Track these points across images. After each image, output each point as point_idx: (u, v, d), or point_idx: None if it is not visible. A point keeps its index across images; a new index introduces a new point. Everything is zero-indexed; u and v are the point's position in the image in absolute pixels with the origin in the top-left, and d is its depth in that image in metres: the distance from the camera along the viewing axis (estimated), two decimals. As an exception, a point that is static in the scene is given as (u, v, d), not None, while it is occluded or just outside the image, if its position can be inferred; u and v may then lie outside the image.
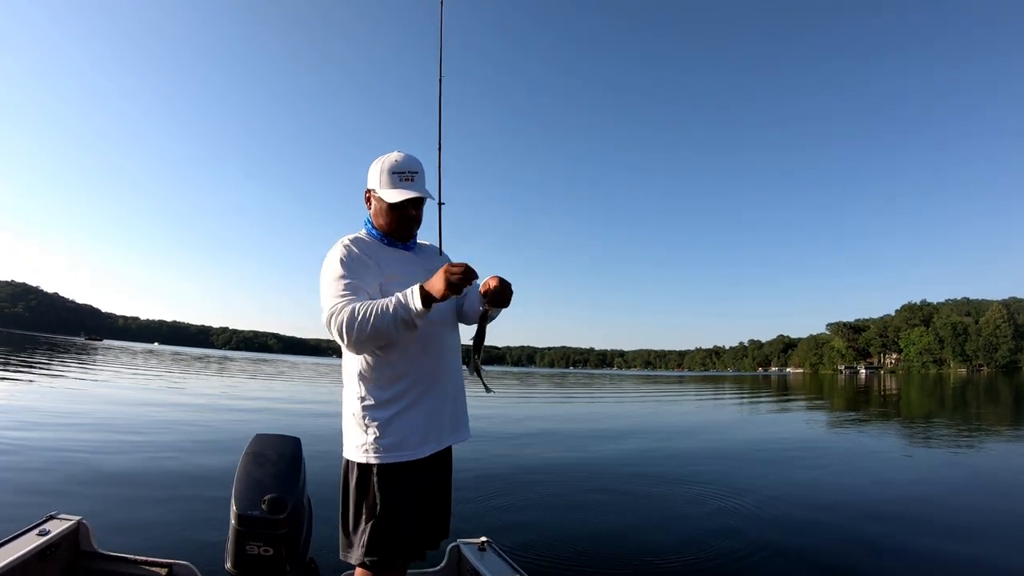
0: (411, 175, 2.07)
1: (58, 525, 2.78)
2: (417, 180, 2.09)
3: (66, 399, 13.82)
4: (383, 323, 1.82)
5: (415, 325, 1.86)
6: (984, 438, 12.47)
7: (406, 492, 1.99)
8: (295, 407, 15.50)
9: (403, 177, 2.06)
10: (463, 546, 2.93)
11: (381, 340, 1.89)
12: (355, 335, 1.83)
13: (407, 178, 2.06)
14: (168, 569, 2.75)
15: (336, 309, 1.87)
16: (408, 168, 2.07)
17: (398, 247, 2.16)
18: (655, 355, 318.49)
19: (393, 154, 2.09)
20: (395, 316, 1.82)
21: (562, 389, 32.54)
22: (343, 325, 1.84)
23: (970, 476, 8.03)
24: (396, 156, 2.09)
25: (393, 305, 1.83)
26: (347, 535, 2.02)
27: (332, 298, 1.92)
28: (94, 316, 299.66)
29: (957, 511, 5.99)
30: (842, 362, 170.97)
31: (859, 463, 8.99)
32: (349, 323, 1.83)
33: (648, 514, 5.61)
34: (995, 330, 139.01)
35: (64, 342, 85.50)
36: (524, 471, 7.42)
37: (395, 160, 2.07)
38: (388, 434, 1.97)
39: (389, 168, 2.07)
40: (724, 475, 7.60)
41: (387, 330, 1.83)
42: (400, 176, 2.06)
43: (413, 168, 2.08)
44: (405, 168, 2.07)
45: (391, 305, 1.83)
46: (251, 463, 2.37)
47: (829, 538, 4.94)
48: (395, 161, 2.07)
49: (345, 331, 1.84)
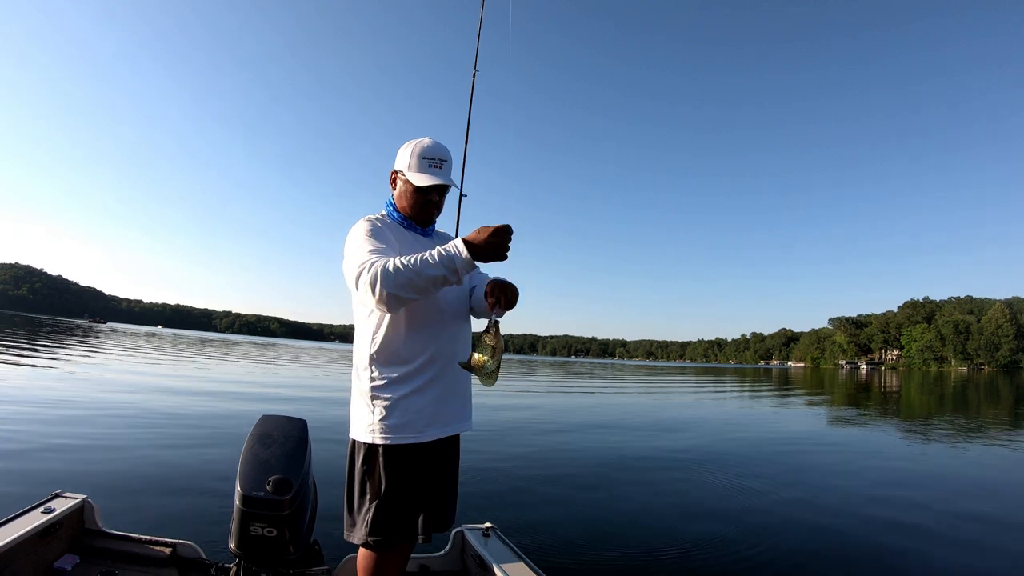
0: (440, 162, 2.08)
1: (63, 503, 2.79)
2: (445, 168, 2.10)
3: (75, 381, 13.91)
4: (424, 272, 1.78)
5: (459, 278, 1.83)
6: (985, 440, 12.47)
7: (411, 474, 1.99)
8: (297, 392, 15.54)
9: (432, 163, 2.07)
10: (467, 531, 2.93)
11: (415, 292, 1.82)
12: (391, 284, 1.77)
13: (436, 165, 2.07)
14: (172, 549, 2.77)
15: (367, 264, 1.83)
16: (438, 155, 2.08)
17: (416, 232, 2.15)
18: (657, 345, 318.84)
19: (424, 139, 2.10)
20: (440, 264, 1.78)
21: (567, 379, 32.52)
22: (376, 276, 1.78)
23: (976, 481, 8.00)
24: (427, 141, 2.09)
25: (437, 255, 1.80)
26: (351, 514, 2.03)
27: (360, 255, 1.90)
28: (97, 299, 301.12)
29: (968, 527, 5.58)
30: (843, 357, 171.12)
31: (862, 462, 8.97)
32: (385, 272, 1.78)
33: (651, 503, 5.64)
34: (997, 329, 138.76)
35: (69, 324, 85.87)
36: (529, 459, 7.47)
37: (426, 145, 2.08)
38: (396, 415, 1.97)
39: (420, 152, 2.07)
40: (728, 468, 7.60)
41: (426, 280, 1.79)
42: (430, 162, 2.06)
43: (443, 156, 2.09)
44: (435, 155, 2.07)
45: (435, 255, 1.80)
46: (257, 444, 2.36)
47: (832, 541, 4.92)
48: (426, 146, 2.08)
49: (380, 281, 1.78)
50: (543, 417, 12.93)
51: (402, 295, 1.81)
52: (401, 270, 1.77)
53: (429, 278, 1.79)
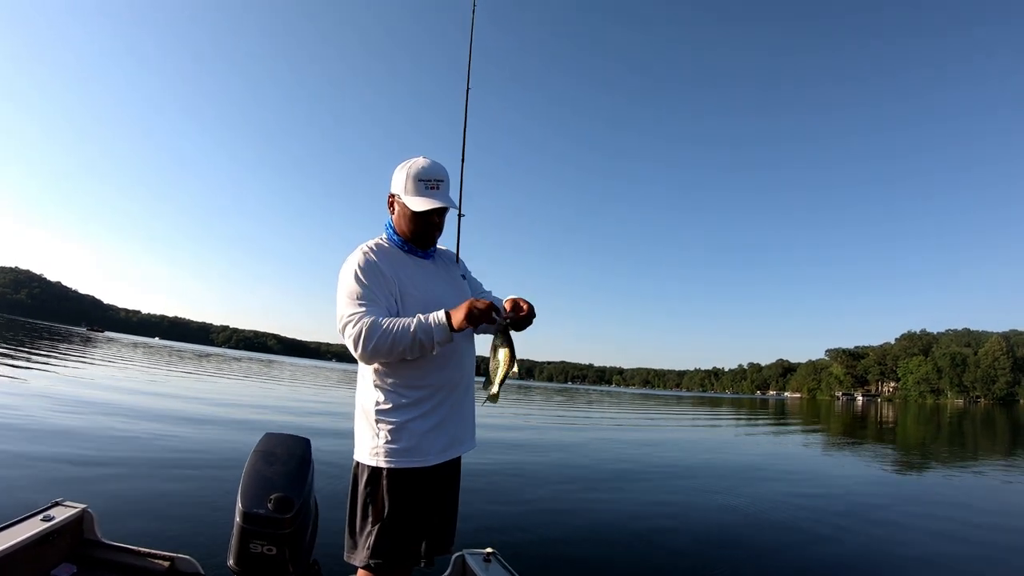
0: (436, 183, 2.04)
1: (63, 512, 2.79)
2: (442, 189, 2.05)
3: (75, 389, 13.85)
4: (401, 342, 1.87)
5: (433, 350, 1.91)
6: (980, 473, 12.42)
7: (415, 498, 2.00)
8: (300, 410, 15.47)
9: (428, 185, 2.03)
10: (468, 556, 2.92)
11: (393, 357, 1.92)
12: (370, 347, 1.87)
13: (432, 186, 2.03)
14: (170, 562, 2.76)
15: (353, 319, 1.90)
16: (434, 176, 2.04)
17: (417, 255, 2.17)
18: (654, 374, 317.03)
19: (419, 159, 2.07)
20: (414, 339, 1.87)
21: (567, 407, 32.32)
22: (360, 336, 1.87)
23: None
24: (422, 162, 2.06)
25: (415, 326, 1.87)
26: (352, 537, 2.03)
27: (349, 306, 1.95)
28: (96, 307, 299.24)
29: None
30: (840, 388, 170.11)
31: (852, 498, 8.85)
32: (367, 335, 1.87)
33: (655, 531, 5.60)
34: (994, 362, 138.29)
35: (68, 331, 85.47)
36: (532, 484, 7.45)
37: (421, 166, 2.04)
38: (401, 439, 1.98)
39: (415, 175, 2.03)
40: (733, 495, 7.58)
41: (402, 350, 1.88)
42: (426, 184, 2.03)
43: (439, 176, 2.05)
44: (431, 176, 2.03)
45: (412, 325, 1.87)
46: (260, 461, 2.38)
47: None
48: (421, 167, 2.04)
49: (362, 341, 1.87)
50: (547, 442, 12.91)
51: (380, 358, 1.94)
52: (380, 336, 1.87)
53: (404, 348, 1.88)
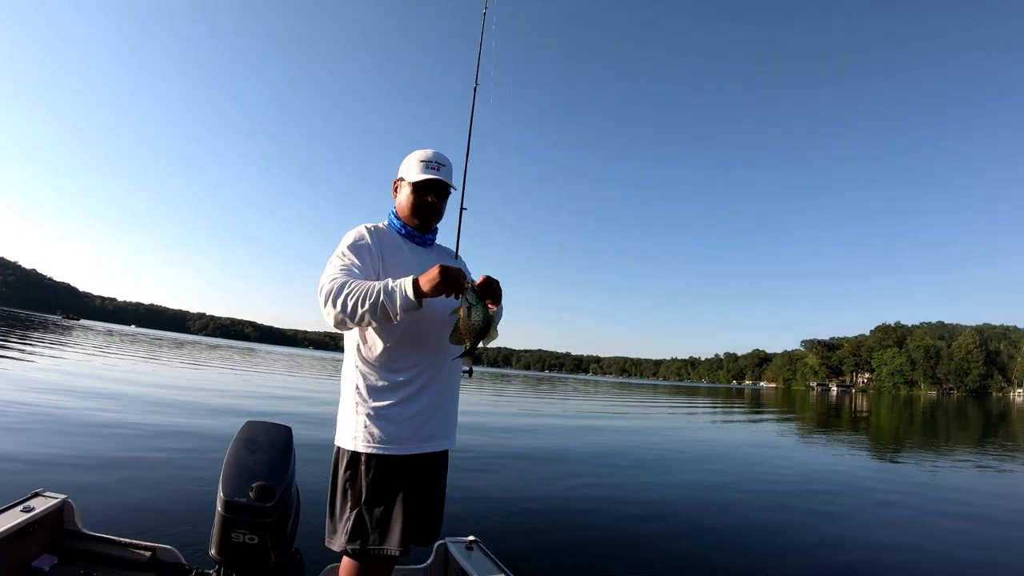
0: (438, 165, 2.17)
1: (43, 503, 2.75)
2: (443, 171, 2.18)
3: (51, 377, 13.67)
4: (366, 301, 1.81)
5: (398, 315, 1.84)
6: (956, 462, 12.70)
7: (393, 485, 2.00)
8: (282, 397, 15.37)
9: (430, 166, 2.16)
10: (450, 544, 2.93)
11: (357, 319, 1.86)
12: (338, 305, 1.85)
13: (434, 167, 2.16)
14: (151, 553, 2.73)
15: (325, 281, 1.92)
16: (437, 160, 2.18)
17: (414, 240, 2.21)
18: (631, 363, 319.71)
19: (427, 149, 2.20)
20: (377, 299, 1.81)
21: (547, 396, 32.46)
22: (328, 294, 1.86)
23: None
24: (428, 150, 2.19)
25: (378, 290, 1.82)
26: (332, 521, 2.05)
27: (328, 272, 1.97)
28: (71, 294, 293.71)
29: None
30: (815, 379, 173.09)
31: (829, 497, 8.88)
32: (335, 293, 1.85)
33: (634, 519, 5.67)
34: (967, 355, 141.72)
35: (43, 319, 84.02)
36: (514, 472, 7.51)
37: (427, 152, 2.18)
38: (381, 425, 2.00)
39: (420, 157, 2.17)
40: (710, 484, 7.69)
41: (366, 310, 1.82)
42: (428, 164, 2.16)
43: (441, 161, 2.19)
44: (434, 160, 2.17)
45: (377, 286, 1.83)
46: (241, 449, 2.34)
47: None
48: (426, 152, 2.18)
49: (330, 299, 1.86)
50: (530, 430, 12.99)
51: (348, 323, 1.89)
52: (344, 297, 1.84)
53: (365, 311, 1.82)
